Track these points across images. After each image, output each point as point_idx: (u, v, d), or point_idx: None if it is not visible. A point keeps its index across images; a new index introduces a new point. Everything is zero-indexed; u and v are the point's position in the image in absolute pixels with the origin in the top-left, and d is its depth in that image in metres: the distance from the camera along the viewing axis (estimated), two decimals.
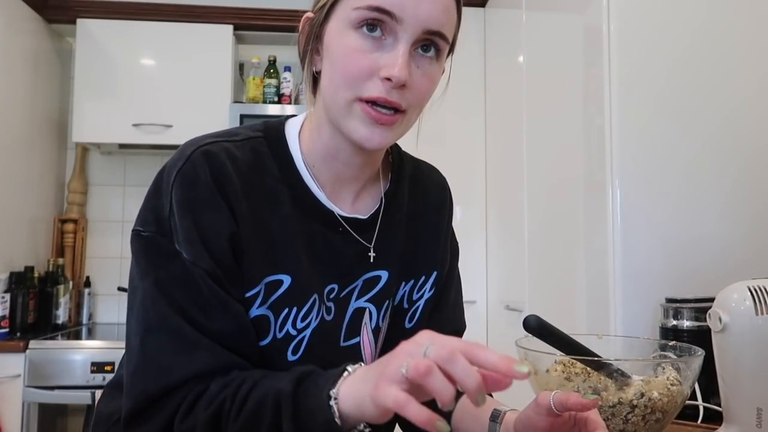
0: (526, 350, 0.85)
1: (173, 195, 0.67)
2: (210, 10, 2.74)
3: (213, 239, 0.66)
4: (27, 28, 2.58)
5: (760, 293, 0.84)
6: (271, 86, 2.72)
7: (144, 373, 0.63)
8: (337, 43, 0.67)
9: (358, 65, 0.65)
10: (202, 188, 0.67)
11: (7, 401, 2.15)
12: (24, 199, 2.58)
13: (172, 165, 0.69)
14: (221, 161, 0.68)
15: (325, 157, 0.74)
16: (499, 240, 2.38)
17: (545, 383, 0.83)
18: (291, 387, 0.58)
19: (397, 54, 0.64)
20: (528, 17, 2.11)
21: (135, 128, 2.59)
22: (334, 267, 0.75)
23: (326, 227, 0.74)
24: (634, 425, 0.76)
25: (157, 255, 0.67)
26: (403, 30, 0.64)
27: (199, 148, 0.69)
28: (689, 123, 1.45)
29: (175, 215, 0.66)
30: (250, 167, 0.70)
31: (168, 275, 0.65)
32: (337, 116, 0.69)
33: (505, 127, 2.37)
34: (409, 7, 0.64)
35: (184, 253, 0.65)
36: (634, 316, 1.39)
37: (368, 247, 0.77)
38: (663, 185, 1.43)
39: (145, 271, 0.67)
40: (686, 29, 1.48)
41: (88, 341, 2.27)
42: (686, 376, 0.79)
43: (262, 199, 0.70)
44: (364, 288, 0.77)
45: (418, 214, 0.84)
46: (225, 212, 0.67)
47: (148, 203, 0.69)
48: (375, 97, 0.65)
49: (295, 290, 0.71)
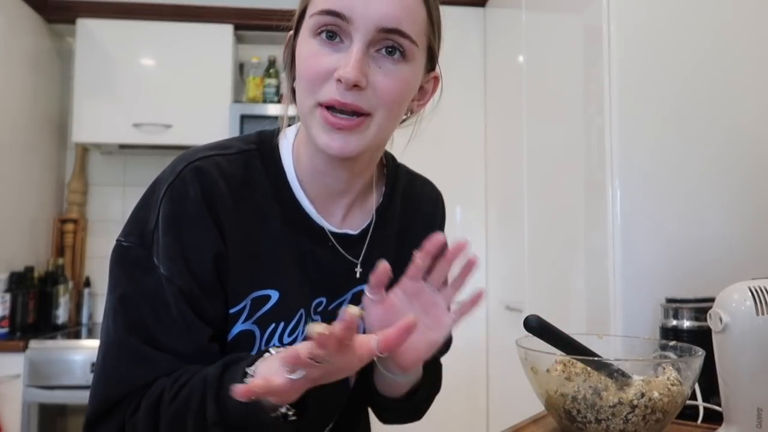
0: (526, 350, 0.85)
1: (161, 210, 0.67)
2: (210, 10, 2.74)
3: (195, 257, 0.66)
4: (27, 28, 2.58)
5: (761, 293, 0.84)
6: (271, 86, 2.73)
7: (105, 381, 0.66)
8: (300, 50, 0.67)
9: (315, 69, 0.64)
10: (191, 206, 0.67)
11: (7, 401, 2.15)
12: (24, 199, 2.58)
13: (163, 180, 0.69)
14: (212, 179, 0.68)
15: (312, 171, 0.73)
16: (499, 240, 2.38)
17: (545, 383, 0.83)
18: (218, 371, 0.60)
19: (350, 54, 0.63)
20: (528, 17, 2.11)
21: (135, 128, 2.59)
22: (323, 281, 0.75)
23: (315, 243, 0.74)
24: (635, 425, 0.76)
25: (133, 267, 0.67)
26: (356, 30, 0.63)
27: (190, 164, 0.68)
28: (689, 123, 1.45)
29: (159, 230, 0.66)
30: (240, 183, 0.70)
31: (138, 289, 0.66)
32: (306, 125, 0.68)
33: (505, 127, 2.37)
34: (358, 6, 0.63)
35: (162, 268, 0.65)
36: (634, 316, 1.39)
37: (355, 263, 0.77)
38: (663, 185, 1.43)
39: (117, 282, 0.67)
40: (686, 29, 1.48)
41: (88, 341, 2.27)
42: (686, 376, 0.79)
43: (252, 216, 0.70)
44: (353, 301, 0.77)
45: (409, 230, 0.83)
46: (212, 231, 0.67)
47: (135, 216, 0.69)
48: (329, 99, 0.64)
49: (283, 305, 0.71)
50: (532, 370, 0.85)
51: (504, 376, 2.32)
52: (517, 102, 2.17)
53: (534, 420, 1.02)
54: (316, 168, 0.72)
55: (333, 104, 0.64)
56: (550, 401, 0.83)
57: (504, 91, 2.40)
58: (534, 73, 2.06)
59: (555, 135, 1.84)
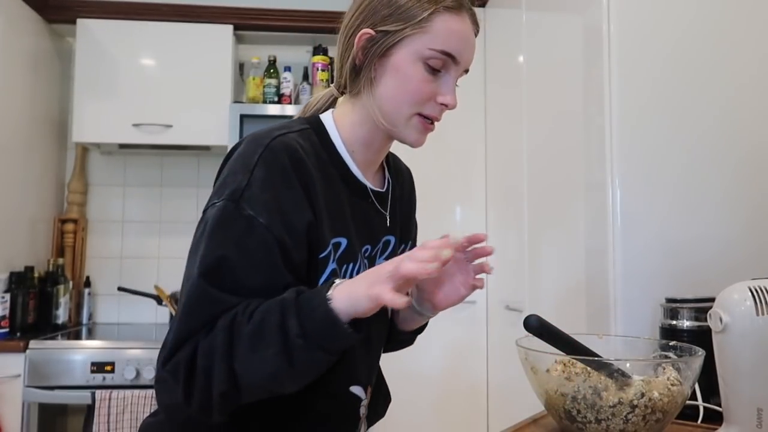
0: (526, 350, 0.85)
1: (254, 173, 0.79)
2: (210, 10, 2.74)
3: (290, 211, 0.79)
4: (27, 28, 2.58)
5: (761, 293, 0.84)
6: (271, 86, 2.72)
7: (187, 314, 0.74)
8: (407, 68, 0.85)
9: (424, 92, 0.86)
10: (283, 170, 0.80)
11: (7, 401, 2.15)
12: (24, 199, 2.58)
13: (252, 152, 0.81)
14: (295, 148, 0.82)
15: (363, 144, 0.92)
16: (499, 240, 2.38)
17: (545, 383, 0.83)
18: (293, 295, 0.73)
19: (450, 87, 0.88)
20: (528, 17, 2.11)
21: (135, 128, 2.59)
22: (367, 231, 0.93)
23: (362, 199, 0.93)
24: (635, 425, 0.76)
25: (225, 218, 0.77)
26: (456, 69, 0.87)
27: (274, 139, 0.82)
28: (689, 123, 1.45)
29: (253, 188, 0.78)
30: (310, 153, 0.85)
31: (233, 234, 0.76)
32: (394, 120, 0.88)
33: (505, 127, 2.37)
34: (464, 53, 0.87)
35: (261, 218, 0.77)
36: (634, 316, 1.39)
37: (386, 215, 0.97)
38: (663, 185, 1.43)
39: (209, 235, 0.77)
40: (687, 29, 1.48)
41: (88, 341, 2.27)
42: (686, 376, 0.79)
43: (322, 178, 0.85)
44: (382, 249, 0.96)
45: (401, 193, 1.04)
46: (300, 191, 0.80)
47: (223, 183, 0.80)
48: (432, 116, 0.88)
49: (350, 250, 0.87)
50: (532, 370, 0.85)
51: (504, 376, 2.32)
52: (517, 102, 2.17)
53: (534, 420, 1.02)
54: (369, 143, 0.92)
55: (433, 119, 0.88)
56: (550, 401, 0.83)
57: (504, 91, 2.40)
58: (534, 73, 2.06)
59: (555, 135, 1.84)
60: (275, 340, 0.70)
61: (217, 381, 0.71)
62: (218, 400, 0.72)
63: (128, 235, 2.92)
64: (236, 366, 0.71)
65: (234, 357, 0.71)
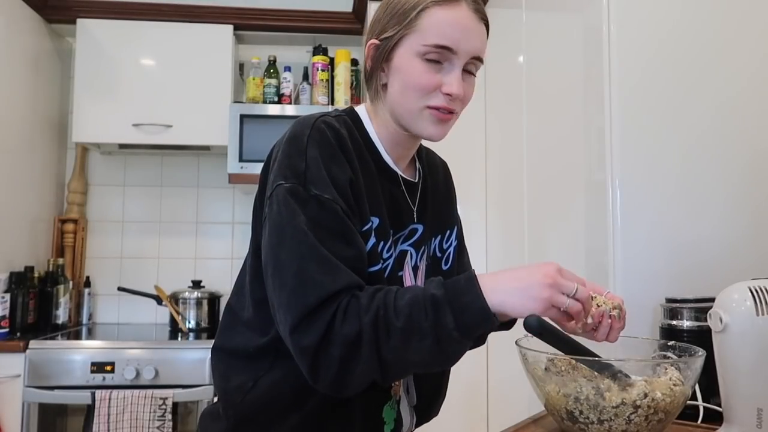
0: (526, 350, 0.85)
1: (308, 153, 0.85)
2: (210, 10, 2.74)
3: (342, 186, 0.85)
4: (27, 28, 2.58)
5: (761, 293, 0.84)
6: (271, 86, 2.72)
7: (302, 290, 0.78)
8: (408, 66, 0.90)
9: (427, 83, 0.89)
10: (330, 148, 0.86)
11: (7, 401, 2.15)
12: (24, 199, 2.58)
13: (301, 134, 0.87)
14: (337, 128, 0.89)
15: (390, 143, 0.98)
16: (499, 240, 2.38)
17: (545, 383, 0.83)
18: (441, 291, 0.77)
19: (454, 76, 0.89)
20: (528, 17, 2.11)
21: (135, 128, 2.59)
22: (395, 216, 0.97)
23: (393, 185, 0.97)
24: (637, 425, 0.76)
25: (299, 200, 0.82)
26: (457, 58, 0.89)
27: (318, 120, 0.88)
28: (689, 123, 1.45)
29: (311, 168, 0.84)
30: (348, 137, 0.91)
31: (311, 214, 0.81)
32: (407, 118, 0.92)
33: (505, 127, 2.37)
34: (462, 43, 0.88)
35: (326, 194, 0.82)
36: (633, 316, 1.39)
37: (414, 204, 1.02)
38: (663, 185, 1.43)
39: (294, 212, 0.82)
40: (687, 29, 1.48)
41: (88, 341, 2.27)
42: (687, 376, 0.79)
43: (358, 159, 0.91)
44: (408, 235, 1.00)
45: (435, 185, 1.10)
46: (346, 166, 0.87)
47: (285, 166, 0.85)
48: (439, 105, 0.90)
49: (383, 228, 0.91)
50: (532, 370, 0.85)
51: (504, 376, 2.32)
52: (517, 102, 2.17)
53: (534, 420, 1.02)
54: (396, 142, 0.98)
55: (442, 108, 0.90)
56: (551, 401, 0.83)
57: (504, 91, 2.40)
58: (534, 73, 2.06)
59: (555, 135, 1.84)
60: (429, 333, 0.75)
61: (365, 367, 0.76)
62: (358, 380, 0.78)
63: (128, 235, 2.92)
64: (387, 356, 0.76)
65: (386, 349, 0.75)
